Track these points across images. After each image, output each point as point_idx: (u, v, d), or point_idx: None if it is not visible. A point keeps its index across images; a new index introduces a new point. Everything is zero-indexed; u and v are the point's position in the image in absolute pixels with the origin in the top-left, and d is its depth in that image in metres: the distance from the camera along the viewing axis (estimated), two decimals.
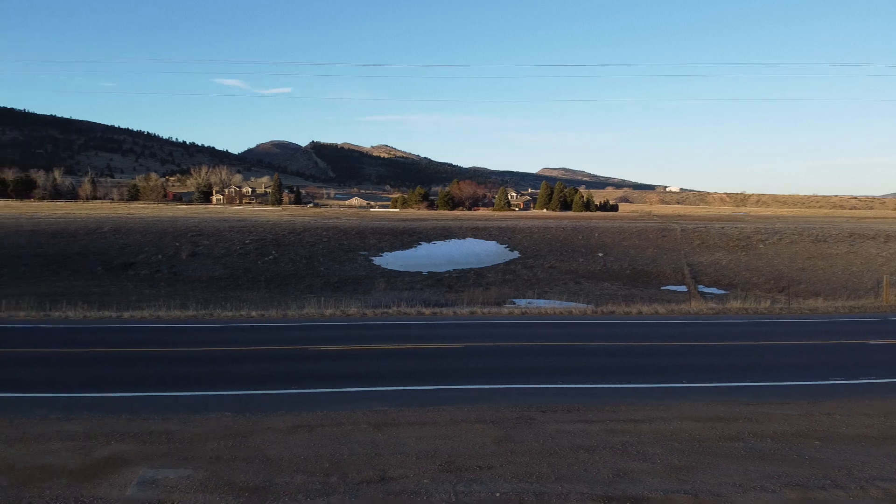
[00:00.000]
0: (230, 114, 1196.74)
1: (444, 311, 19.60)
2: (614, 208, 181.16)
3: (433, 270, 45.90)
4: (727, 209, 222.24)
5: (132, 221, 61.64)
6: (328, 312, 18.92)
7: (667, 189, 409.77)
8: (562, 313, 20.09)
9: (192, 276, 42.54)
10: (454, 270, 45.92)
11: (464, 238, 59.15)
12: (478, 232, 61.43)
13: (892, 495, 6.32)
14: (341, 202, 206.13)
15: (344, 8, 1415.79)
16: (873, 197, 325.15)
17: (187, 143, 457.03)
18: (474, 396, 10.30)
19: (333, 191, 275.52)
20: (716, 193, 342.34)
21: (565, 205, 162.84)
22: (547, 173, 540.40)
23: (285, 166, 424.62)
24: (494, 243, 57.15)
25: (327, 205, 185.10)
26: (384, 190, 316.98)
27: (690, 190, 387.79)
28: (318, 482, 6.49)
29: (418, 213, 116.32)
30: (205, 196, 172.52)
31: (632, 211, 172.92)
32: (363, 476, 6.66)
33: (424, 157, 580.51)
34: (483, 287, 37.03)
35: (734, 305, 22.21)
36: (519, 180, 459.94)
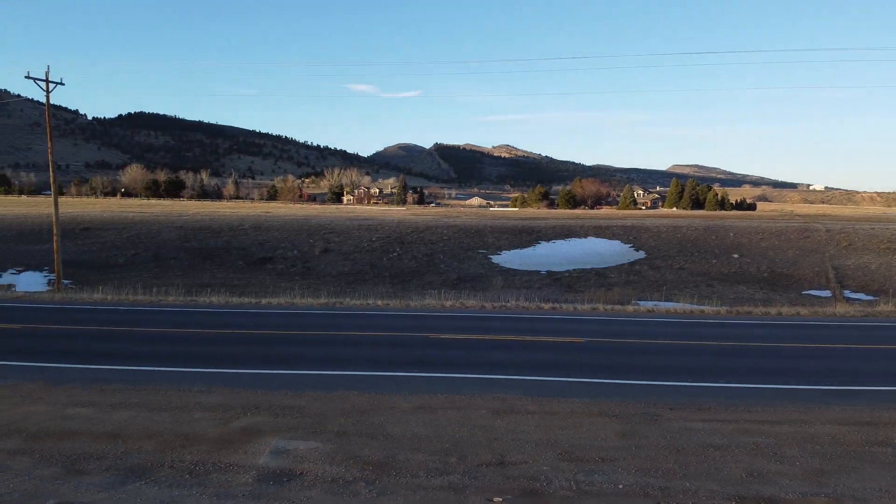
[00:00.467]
0: (361, 118, 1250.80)
1: (564, 307, 19.24)
2: (751, 207, 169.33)
3: (552, 269, 45.21)
4: (878, 209, 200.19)
5: (270, 219, 66.13)
6: (448, 304, 19.23)
7: (810, 187, 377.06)
8: (692, 312, 19.07)
9: (324, 271, 44.88)
10: (574, 270, 44.97)
11: (585, 237, 57.80)
12: (600, 231, 59.79)
13: None
14: (461, 202, 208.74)
15: (475, 7, 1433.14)
16: None
17: (321, 147, 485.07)
18: (596, 391, 10.03)
19: (454, 191, 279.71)
20: (864, 192, 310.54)
21: (697, 203, 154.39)
22: (677, 170, 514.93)
23: (410, 168, 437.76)
24: (618, 242, 55.32)
25: (448, 204, 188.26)
26: (504, 190, 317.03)
27: (836, 188, 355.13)
28: (438, 461, 6.60)
29: (538, 212, 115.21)
30: (336, 196, 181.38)
31: (771, 210, 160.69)
32: (482, 459, 6.69)
33: (546, 156, 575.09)
34: (605, 287, 35.98)
35: (885, 308, 20.04)
36: (646, 178, 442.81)
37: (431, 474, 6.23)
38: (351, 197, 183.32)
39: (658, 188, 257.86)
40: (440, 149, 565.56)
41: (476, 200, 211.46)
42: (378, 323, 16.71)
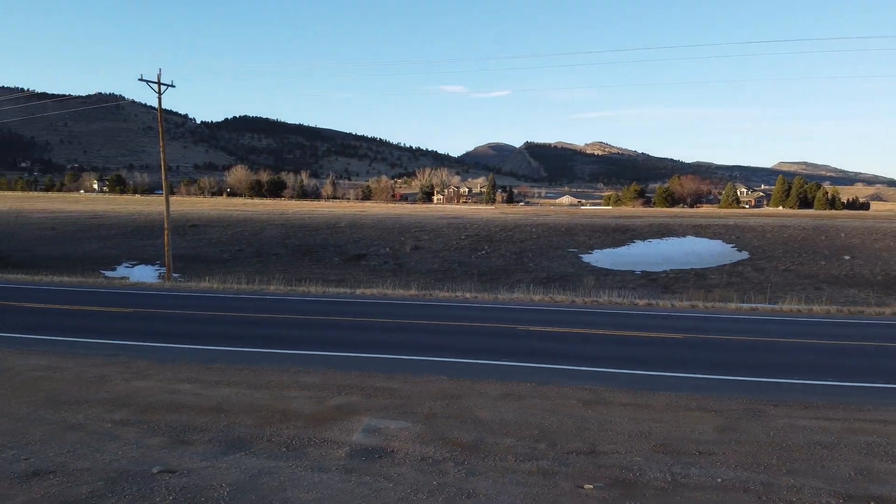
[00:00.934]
0: (451, 119, 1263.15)
1: (661, 304, 18.56)
2: (864, 207, 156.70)
3: (647, 270, 43.67)
4: None
5: (364, 218, 68.05)
6: (536, 298, 19.08)
7: None
8: (799, 311, 17.86)
9: (414, 269, 45.64)
10: (671, 270, 43.23)
11: (683, 236, 55.49)
12: (700, 230, 57.21)
13: None
14: (551, 200, 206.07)
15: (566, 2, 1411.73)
16: None
17: (413, 148, 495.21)
18: (693, 385, 9.60)
19: (544, 189, 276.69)
20: None
21: (805, 202, 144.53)
22: (783, 168, 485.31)
23: (499, 167, 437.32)
24: (719, 242, 52.70)
25: (538, 203, 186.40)
26: (596, 188, 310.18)
27: None
28: (527, 447, 6.53)
29: (633, 211, 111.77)
30: (427, 196, 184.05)
31: (887, 210, 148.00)
32: (572, 446, 6.56)
33: (642, 153, 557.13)
34: (704, 289, 34.34)
35: None
36: (750, 175, 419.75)
37: (520, 459, 6.18)
38: (441, 196, 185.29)
39: (763, 186, 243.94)
40: (530, 147, 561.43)
41: (566, 199, 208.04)
42: (467, 314, 16.82)
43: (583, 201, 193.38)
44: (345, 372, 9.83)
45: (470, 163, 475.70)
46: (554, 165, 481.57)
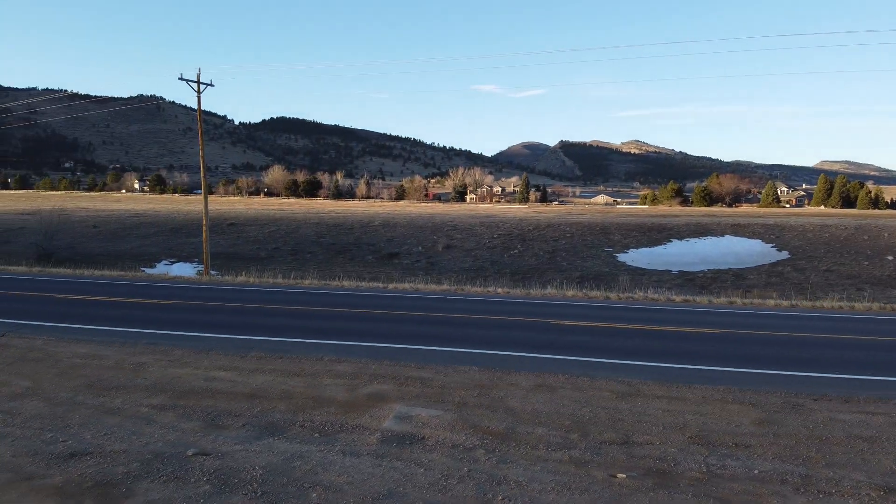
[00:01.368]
0: (485, 118, 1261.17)
1: (698, 300, 18.22)
2: None
3: (684, 269, 42.97)
4: None
5: (398, 217, 68.44)
6: (570, 294, 18.91)
7: None
8: (841, 308, 17.34)
9: (446, 267, 45.74)
10: (709, 270, 42.45)
11: (722, 235, 54.44)
12: (739, 229, 56.06)
13: None
14: (586, 199, 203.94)
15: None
16: None
17: (446, 148, 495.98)
18: (730, 379, 9.42)
19: (579, 189, 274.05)
20: None
21: (847, 202, 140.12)
22: (825, 166, 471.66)
23: (533, 166, 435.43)
24: (758, 242, 51.56)
25: (572, 202, 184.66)
26: (632, 187, 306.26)
27: None
28: (559, 436, 6.49)
29: (670, 210, 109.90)
30: (460, 195, 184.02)
31: None
32: (605, 437, 6.50)
33: (679, 152, 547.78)
34: (743, 289, 33.61)
35: None
36: (791, 174, 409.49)
37: (552, 448, 6.14)
38: (474, 196, 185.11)
39: (804, 185, 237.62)
40: (565, 146, 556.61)
41: (601, 198, 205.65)
42: (499, 308, 16.79)
43: (618, 200, 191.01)
44: (377, 361, 9.90)
45: (503, 162, 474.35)
46: (589, 164, 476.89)
